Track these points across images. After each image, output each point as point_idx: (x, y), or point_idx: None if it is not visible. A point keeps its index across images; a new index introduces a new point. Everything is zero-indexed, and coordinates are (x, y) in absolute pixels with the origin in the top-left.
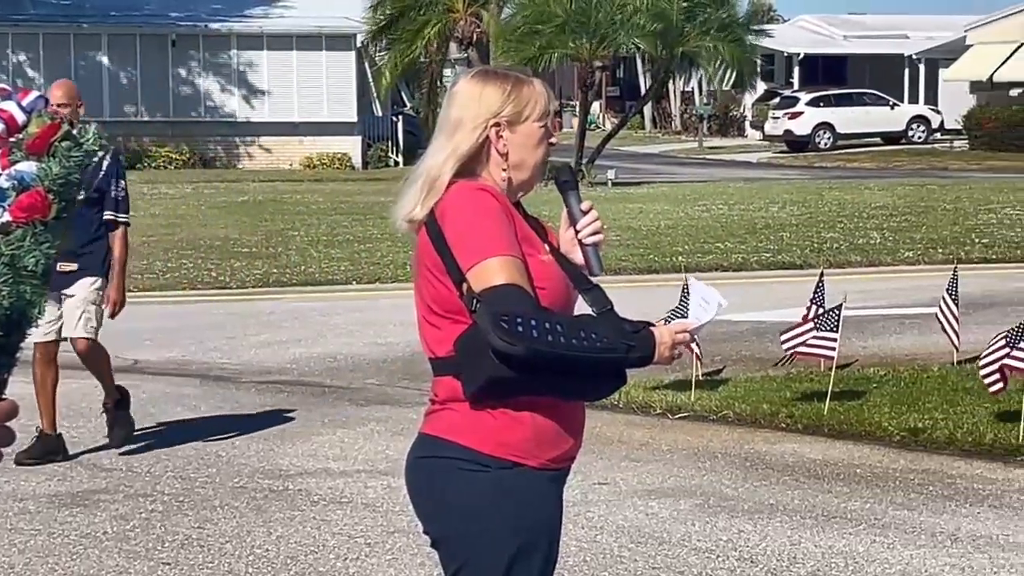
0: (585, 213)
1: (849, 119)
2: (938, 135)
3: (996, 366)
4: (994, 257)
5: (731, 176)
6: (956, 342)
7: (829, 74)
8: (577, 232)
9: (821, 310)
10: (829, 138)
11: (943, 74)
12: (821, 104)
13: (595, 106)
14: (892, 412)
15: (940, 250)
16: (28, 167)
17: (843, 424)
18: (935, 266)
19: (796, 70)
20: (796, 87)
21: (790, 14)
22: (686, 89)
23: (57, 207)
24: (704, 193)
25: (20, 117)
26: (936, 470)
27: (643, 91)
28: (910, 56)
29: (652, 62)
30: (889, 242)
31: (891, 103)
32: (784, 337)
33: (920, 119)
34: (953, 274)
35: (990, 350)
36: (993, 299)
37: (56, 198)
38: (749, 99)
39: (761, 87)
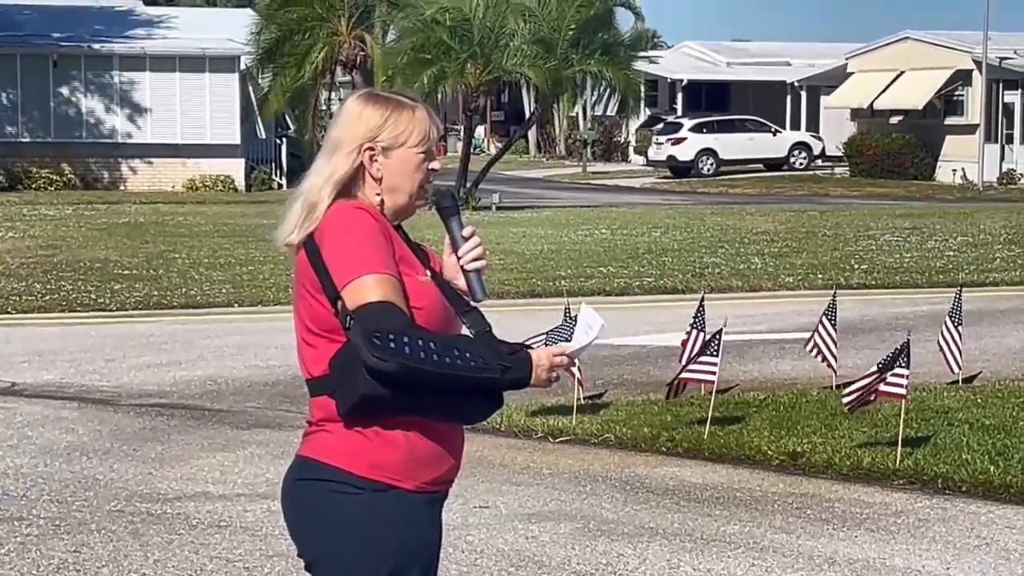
0: (467, 239)
1: (732, 145)
2: (819, 161)
3: (862, 389)
4: (873, 283)
5: (614, 201)
6: (834, 366)
7: (712, 100)
8: (459, 258)
9: (702, 335)
10: (712, 164)
11: (824, 101)
12: (704, 130)
13: (480, 130)
14: (771, 436)
15: (820, 275)
16: None
17: (723, 448)
18: (815, 291)
19: (680, 96)
20: (679, 113)
21: (674, 40)
22: (571, 114)
23: None
24: (587, 218)
25: None
26: (814, 494)
27: (527, 116)
28: (792, 83)
29: (536, 87)
30: (770, 267)
31: (773, 129)
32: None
33: (802, 145)
34: (832, 299)
35: (865, 374)
36: (872, 324)
37: None
38: (633, 125)
39: (645, 113)
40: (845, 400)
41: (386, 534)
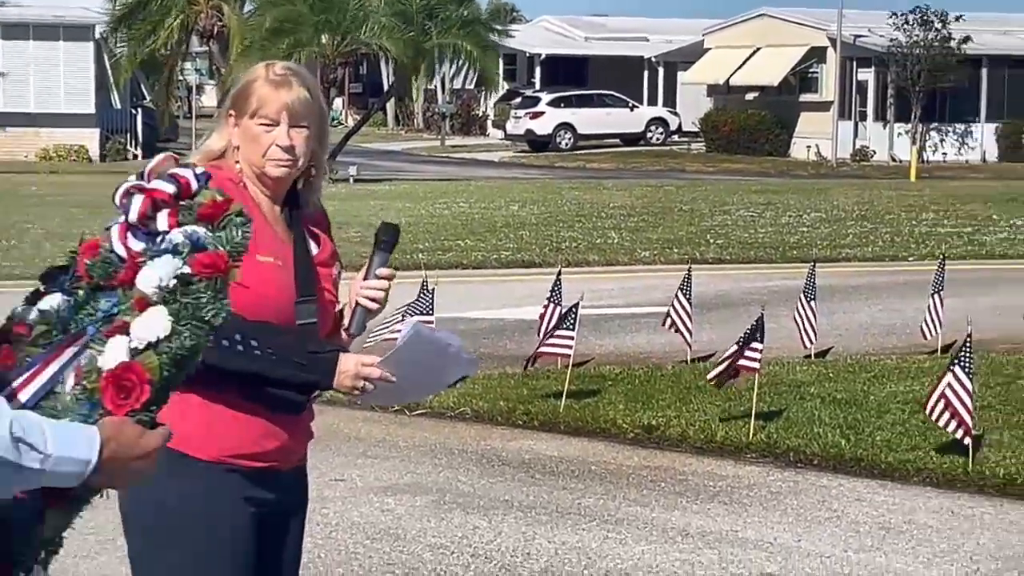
0: (379, 278)
1: (590, 120)
2: (676, 137)
3: (726, 363)
4: (728, 258)
5: (473, 175)
6: (689, 341)
7: (571, 75)
8: (361, 287)
9: (558, 309)
10: (570, 138)
11: (682, 77)
12: (562, 105)
13: (338, 102)
14: (627, 409)
15: (676, 250)
16: (200, 230)
17: (578, 421)
18: (671, 266)
19: (538, 70)
20: (538, 87)
21: (532, 14)
22: (429, 87)
23: (232, 269)
24: (446, 191)
25: (194, 185)
26: (668, 467)
27: (386, 88)
28: (650, 59)
29: (395, 59)
30: (626, 242)
31: (631, 105)
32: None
33: (659, 121)
34: (687, 274)
35: (729, 350)
36: (726, 299)
37: (232, 261)
38: (491, 99)
39: (503, 87)
40: (711, 375)
41: (179, 501)
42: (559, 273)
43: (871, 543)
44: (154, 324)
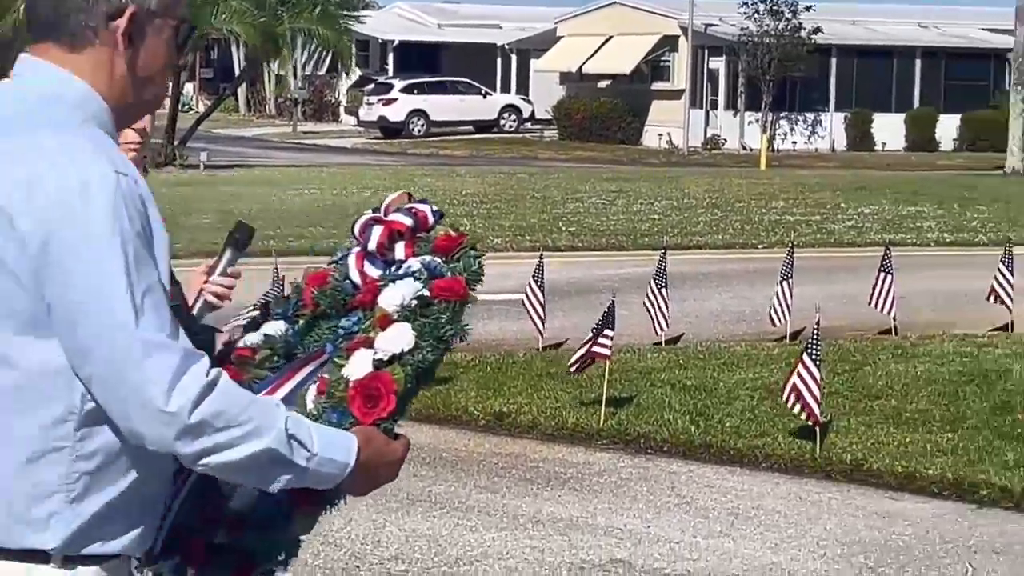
0: (227, 275)
1: (442, 107)
2: (529, 124)
3: (584, 350)
4: (580, 245)
5: (325, 161)
6: (541, 328)
7: (424, 62)
8: (207, 280)
9: None
10: (423, 125)
11: (534, 65)
12: (415, 91)
13: (188, 87)
14: (478, 397)
15: (528, 237)
16: (436, 260)
17: (430, 408)
18: (523, 253)
19: (391, 57)
20: (391, 74)
21: (386, 1)
22: (281, 73)
23: (471, 295)
24: (298, 178)
25: (431, 220)
26: (519, 453)
27: (237, 73)
28: (503, 46)
29: (246, 44)
30: (479, 229)
31: (484, 92)
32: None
33: (512, 108)
34: (539, 261)
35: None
36: (578, 286)
37: (471, 288)
38: (344, 85)
39: (356, 73)
40: (572, 362)
41: None
42: None
43: (720, 528)
44: (399, 338)
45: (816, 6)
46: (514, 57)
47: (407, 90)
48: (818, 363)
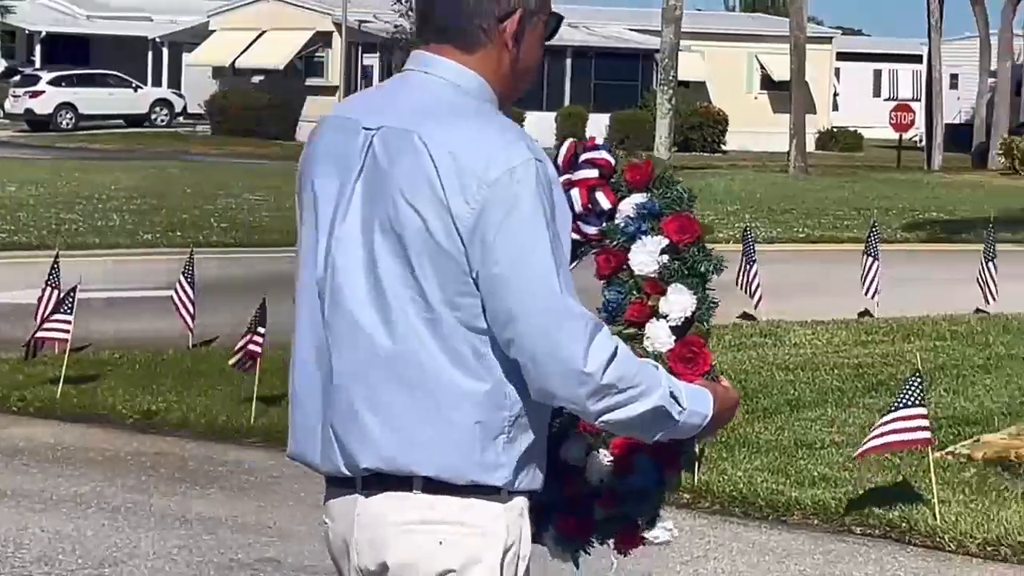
0: None
1: (92, 100)
2: (182, 119)
3: (242, 350)
4: (232, 241)
5: None
6: (191, 325)
7: (73, 54)
8: None
9: (56, 292)
10: (71, 118)
11: (187, 58)
12: (63, 84)
13: None
14: (126, 395)
15: (179, 233)
16: (642, 198)
17: (76, 407)
18: (174, 249)
19: (38, 48)
20: (38, 66)
21: None
22: None
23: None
24: None
25: (611, 160)
26: (169, 452)
27: None
28: (154, 39)
29: None
30: (129, 224)
31: (134, 85)
32: None
33: (163, 102)
34: (190, 257)
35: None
36: (231, 283)
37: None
38: None
39: (1, 64)
40: (232, 361)
41: None
42: (57, 256)
43: None
44: (682, 302)
45: None
46: (166, 51)
47: (55, 82)
48: None
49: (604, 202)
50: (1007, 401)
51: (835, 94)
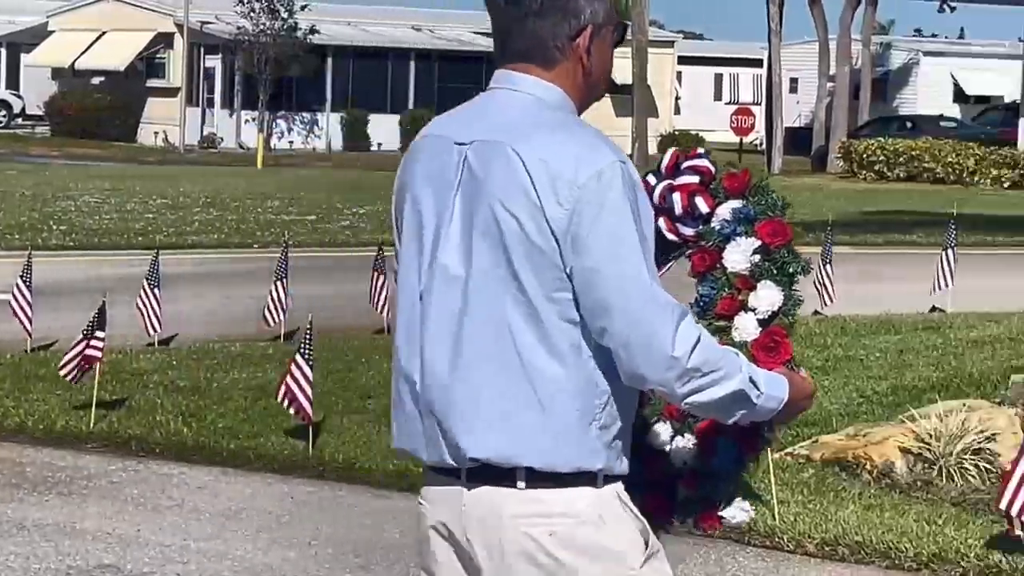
0: None
1: None
2: (20, 120)
3: (77, 356)
4: (71, 244)
5: None
6: (29, 329)
7: None
8: None
9: None
10: None
11: (25, 59)
12: None
13: None
14: None
15: (17, 236)
16: (738, 204)
17: None
18: (12, 252)
19: None
20: None
21: None
22: None
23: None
24: None
25: (712, 168)
26: (5, 458)
27: None
28: None
29: None
30: None
31: None
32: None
33: (2, 103)
34: (28, 260)
35: (75, 343)
36: (71, 286)
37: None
38: None
39: None
40: (63, 371)
41: None
42: None
43: (211, 530)
44: (770, 297)
45: (312, 6)
46: (3, 51)
47: None
48: (311, 363)
49: (703, 206)
50: (845, 403)
51: (677, 97)
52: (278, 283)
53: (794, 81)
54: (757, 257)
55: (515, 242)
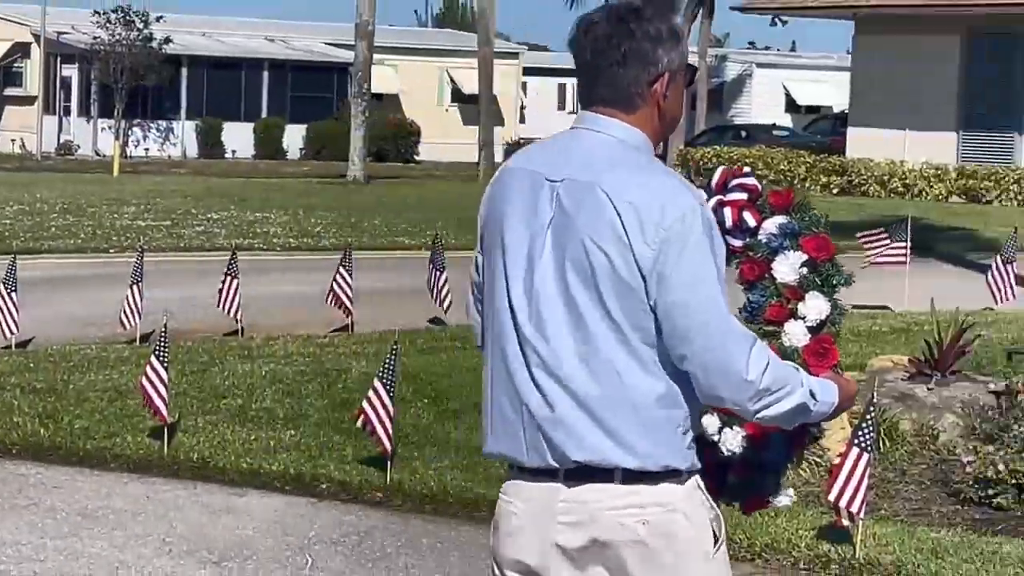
0: None
1: None
2: None
3: None
4: None
5: None
6: None
7: None
8: None
9: None
10: None
11: None
12: None
13: None
14: None
15: None
16: (783, 219)
17: None
18: None
19: None
20: None
21: None
22: None
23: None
24: None
25: (758, 185)
26: None
27: None
28: None
29: None
30: None
31: None
32: None
33: None
34: None
35: None
36: None
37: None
38: None
39: None
40: None
41: None
42: None
43: (67, 529)
44: (819, 307)
45: (168, 17)
46: None
47: None
48: (166, 364)
49: (751, 220)
50: None
51: (522, 107)
52: (134, 287)
53: None
54: (805, 270)
55: (604, 275)
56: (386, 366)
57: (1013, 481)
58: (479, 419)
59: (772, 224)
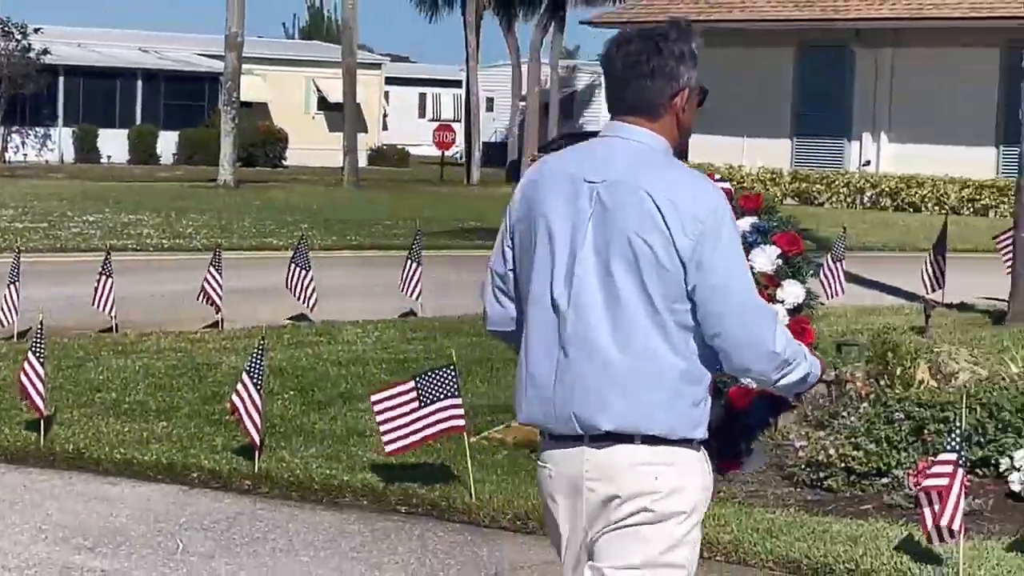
0: None
1: None
2: None
3: None
4: None
5: None
6: None
7: None
8: None
9: None
10: None
11: None
12: None
13: None
14: None
15: None
16: (755, 219)
17: None
18: None
19: None
20: None
21: None
22: None
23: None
24: None
25: (732, 190)
26: None
27: None
28: None
29: None
30: None
31: None
32: None
33: None
34: None
35: None
36: None
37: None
38: None
39: None
40: None
41: None
42: None
43: None
44: (796, 291)
45: (46, 29)
46: None
47: None
48: (43, 360)
49: None
50: None
51: (385, 115)
52: (11, 286)
53: (491, 100)
54: (780, 261)
55: (647, 264)
56: (254, 360)
57: (842, 465)
58: (343, 410)
59: (745, 223)
